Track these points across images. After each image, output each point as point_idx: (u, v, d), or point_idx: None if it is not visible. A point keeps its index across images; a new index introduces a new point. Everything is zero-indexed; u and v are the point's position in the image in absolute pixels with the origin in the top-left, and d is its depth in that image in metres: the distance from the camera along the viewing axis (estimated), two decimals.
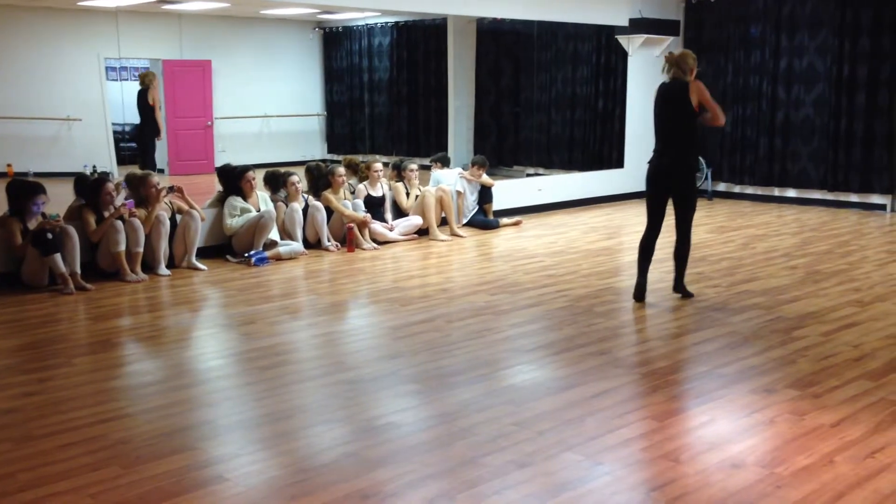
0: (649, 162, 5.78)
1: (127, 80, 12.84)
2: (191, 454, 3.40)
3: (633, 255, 7.68)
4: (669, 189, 5.74)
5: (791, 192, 10.89)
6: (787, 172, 10.84)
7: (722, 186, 11.51)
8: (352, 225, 7.78)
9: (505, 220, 9.25)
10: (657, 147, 5.73)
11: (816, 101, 10.45)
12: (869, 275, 6.73)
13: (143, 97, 10.52)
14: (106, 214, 6.60)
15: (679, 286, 6.02)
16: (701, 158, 11.26)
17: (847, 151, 10.23)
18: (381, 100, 14.26)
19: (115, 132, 11.87)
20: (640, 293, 5.87)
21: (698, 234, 8.63)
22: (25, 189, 6.37)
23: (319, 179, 8.09)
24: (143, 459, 3.33)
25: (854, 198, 10.35)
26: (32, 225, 6.27)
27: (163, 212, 6.86)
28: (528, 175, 11.93)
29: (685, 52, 5.80)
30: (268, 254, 7.23)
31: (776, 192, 11.02)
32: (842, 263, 7.16)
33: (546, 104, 12.42)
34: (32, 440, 3.54)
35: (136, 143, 10.80)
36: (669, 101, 5.70)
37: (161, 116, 10.77)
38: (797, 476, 3.18)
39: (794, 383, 4.20)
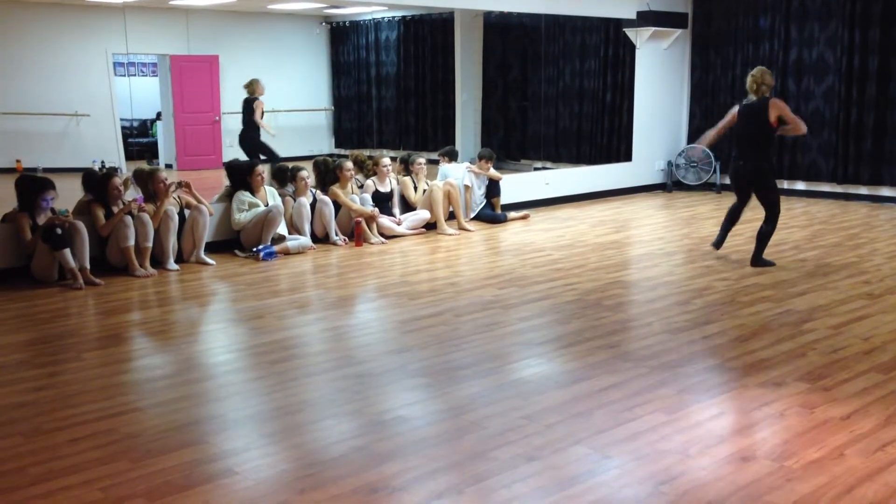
0: (730, 164, 6.89)
1: (135, 75, 12.87)
2: (200, 448, 3.41)
3: (640, 249, 7.71)
4: (748, 186, 6.69)
5: (800, 185, 10.84)
6: (796, 165, 10.79)
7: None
8: (360, 219, 7.79)
9: (513, 214, 9.23)
10: (735, 153, 6.72)
11: (826, 93, 10.39)
12: (879, 267, 6.70)
13: (248, 106, 10.13)
14: (115, 209, 6.62)
15: (755, 260, 6.71)
16: (710, 151, 11.23)
17: (857, 144, 10.17)
18: (388, 94, 14.25)
19: (123, 128, 11.90)
20: (717, 243, 7.04)
21: (707, 227, 8.61)
22: (34, 185, 6.39)
23: (327, 174, 8.09)
24: (152, 453, 3.34)
25: (864, 190, 10.30)
26: (42, 220, 6.29)
27: (171, 207, 6.87)
28: (536, 169, 11.91)
29: (765, 71, 6.55)
30: (276, 248, 7.24)
31: (785, 184, 10.95)
32: (851, 256, 7.12)
33: (553, 98, 12.39)
34: (43, 434, 3.55)
35: (242, 148, 10.30)
36: (751, 117, 6.53)
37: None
38: (807, 469, 3.17)
39: (803, 376, 4.18)
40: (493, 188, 9.14)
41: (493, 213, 9.08)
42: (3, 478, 3.15)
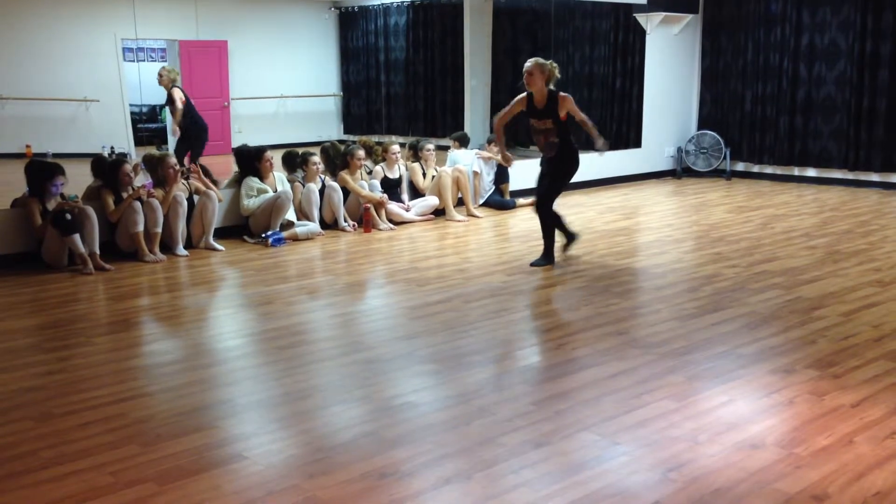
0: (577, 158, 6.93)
1: (144, 60, 12.86)
2: (210, 433, 3.42)
3: (650, 236, 7.68)
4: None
5: (811, 172, 10.77)
6: (807, 151, 10.72)
7: (741, 166, 11.40)
8: (368, 205, 7.78)
9: (522, 201, 9.21)
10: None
11: (838, 79, 10.31)
12: (890, 255, 6.66)
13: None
14: (124, 195, 6.63)
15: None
16: (719, 137, 11.20)
17: (869, 130, 10.10)
18: (397, 80, 14.21)
19: (132, 113, 11.91)
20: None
21: (717, 214, 8.58)
22: (44, 170, 6.41)
23: (336, 160, 8.08)
24: (162, 438, 3.36)
25: (875, 177, 10.23)
26: (52, 205, 6.31)
27: (180, 192, 6.88)
28: None
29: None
30: (284, 234, 7.25)
31: (796, 171, 10.90)
32: (862, 243, 7.09)
33: (563, 84, 12.31)
34: (53, 418, 3.57)
35: None
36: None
37: None
38: (817, 456, 3.16)
39: (813, 363, 4.17)
40: (501, 174, 9.11)
41: (501, 199, 9.06)
42: (15, 461, 3.18)
